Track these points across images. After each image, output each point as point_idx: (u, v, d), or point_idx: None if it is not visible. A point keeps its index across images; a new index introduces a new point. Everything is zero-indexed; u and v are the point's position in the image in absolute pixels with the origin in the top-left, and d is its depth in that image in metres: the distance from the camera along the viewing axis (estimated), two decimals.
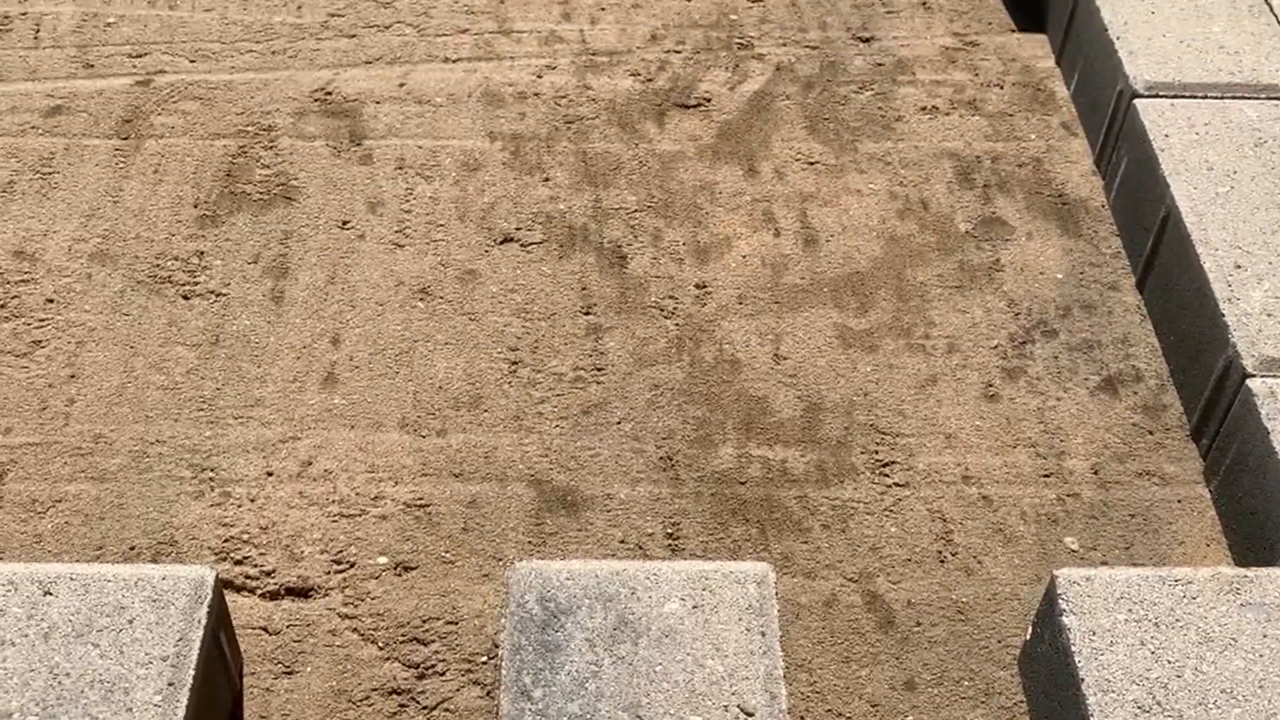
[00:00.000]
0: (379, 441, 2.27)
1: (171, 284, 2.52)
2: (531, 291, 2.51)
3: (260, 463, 2.24)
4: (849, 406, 2.33)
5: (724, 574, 1.86)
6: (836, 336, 2.44)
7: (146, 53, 2.99)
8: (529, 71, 2.97)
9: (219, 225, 2.62)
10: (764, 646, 1.78)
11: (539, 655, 1.76)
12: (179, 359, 2.39)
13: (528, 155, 2.77)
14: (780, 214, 2.66)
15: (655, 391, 2.35)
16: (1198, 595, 1.83)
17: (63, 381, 2.35)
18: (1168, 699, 1.72)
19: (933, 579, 2.10)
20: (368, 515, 2.17)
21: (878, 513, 2.18)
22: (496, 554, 2.12)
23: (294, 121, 2.84)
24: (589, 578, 1.85)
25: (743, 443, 2.27)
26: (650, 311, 2.48)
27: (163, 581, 1.82)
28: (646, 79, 2.95)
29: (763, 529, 2.16)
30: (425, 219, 2.64)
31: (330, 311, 2.47)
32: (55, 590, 1.80)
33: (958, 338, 2.44)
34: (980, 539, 2.15)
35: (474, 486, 2.21)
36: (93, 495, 2.19)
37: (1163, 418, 2.31)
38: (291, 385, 2.35)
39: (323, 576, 2.09)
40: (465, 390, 2.35)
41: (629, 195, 2.70)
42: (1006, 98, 2.92)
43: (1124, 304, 2.50)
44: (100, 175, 2.71)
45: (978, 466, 2.24)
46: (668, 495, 2.20)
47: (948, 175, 2.74)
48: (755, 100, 2.90)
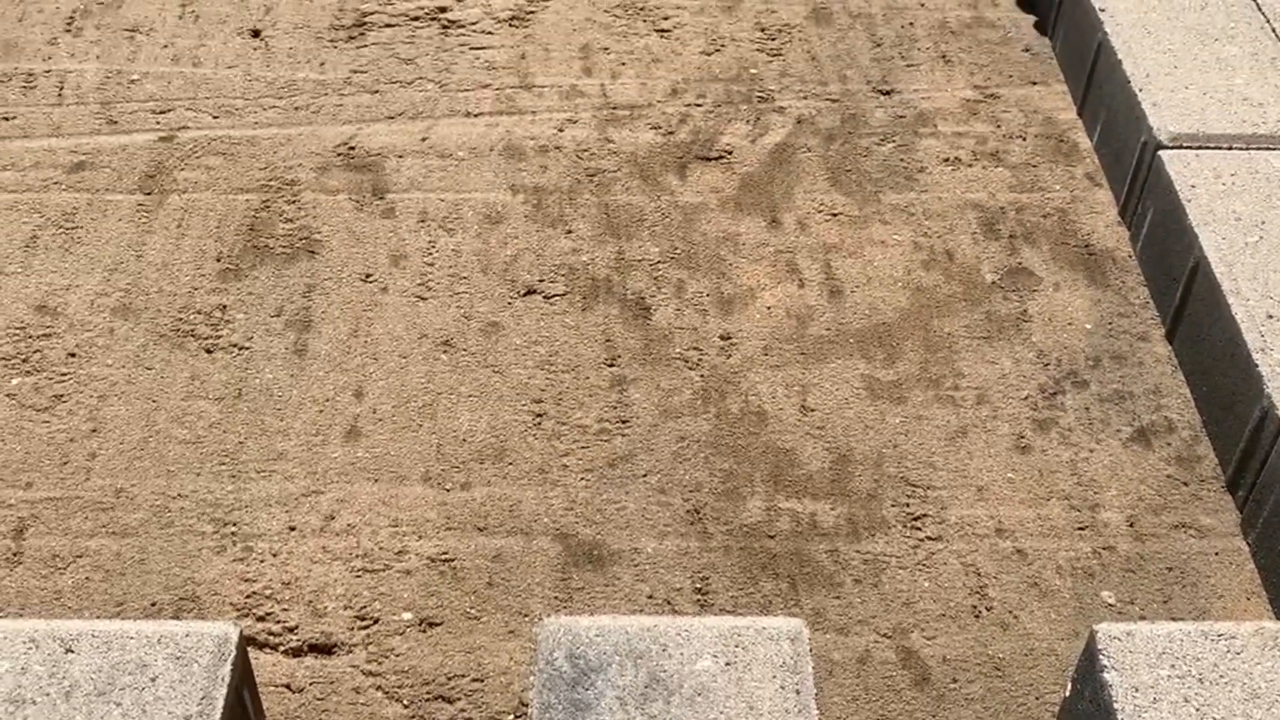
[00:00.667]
0: (402, 495, 2.24)
1: (194, 338, 2.50)
2: (555, 344, 2.49)
3: (283, 517, 2.21)
4: (878, 458, 2.30)
5: (757, 630, 1.82)
6: (864, 388, 2.41)
7: (170, 109, 3.00)
8: (550, 125, 2.97)
9: (242, 279, 2.62)
10: (799, 705, 1.74)
11: (569, 714, 1.72)
12: (201, 413, 2.37)
13: (550, 208, 2.77)
14: (804, 265, 2.65)
15: (681, 444, 2.32)
16: (1242, 650, 1.79)
17: (84, 436, 2.33)
18: None
19: (968, 634, 2.06)
20: (391, 570, 2.14)
21: (910, 566, 2.14)
22: (522, 609, 2.08)
23: (317, 176, 2.84)
24: (619, 634, 1.81)
25: (771, 495, 2.24)
26: (675, 363, 2.46)
27: (186, 638, 1.78)
28: (668, 132, 2.95)
29: (793, 583, 2.12)
30: (448, 271, 2.63)
31: (353, 364, 2.46)
32: (77, 648, 1.77)
33: (987, 389, 2.41)
34: (1015, 593, 2.11)
35: (499, 540, 2.18)
36: (114, 550, 2.16)
37: (1197, 469, 2.28)
38: (314, 438, 2.33)
39: (346, 633, 2.06)
40: (489, 443, 2.32)
41: (652, 247, 2.69)
42: (1029, 149, 2.91)
43: (1154, 354, 2.47)
44: (123, 230, 2.71)
45: (1011, 519, 2.21)
46: (696, 549, 2.17)
47: (972, 226, 2.73)
48: (777, 152, 2.90)
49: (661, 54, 3.16)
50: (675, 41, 3.20)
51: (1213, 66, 2.79)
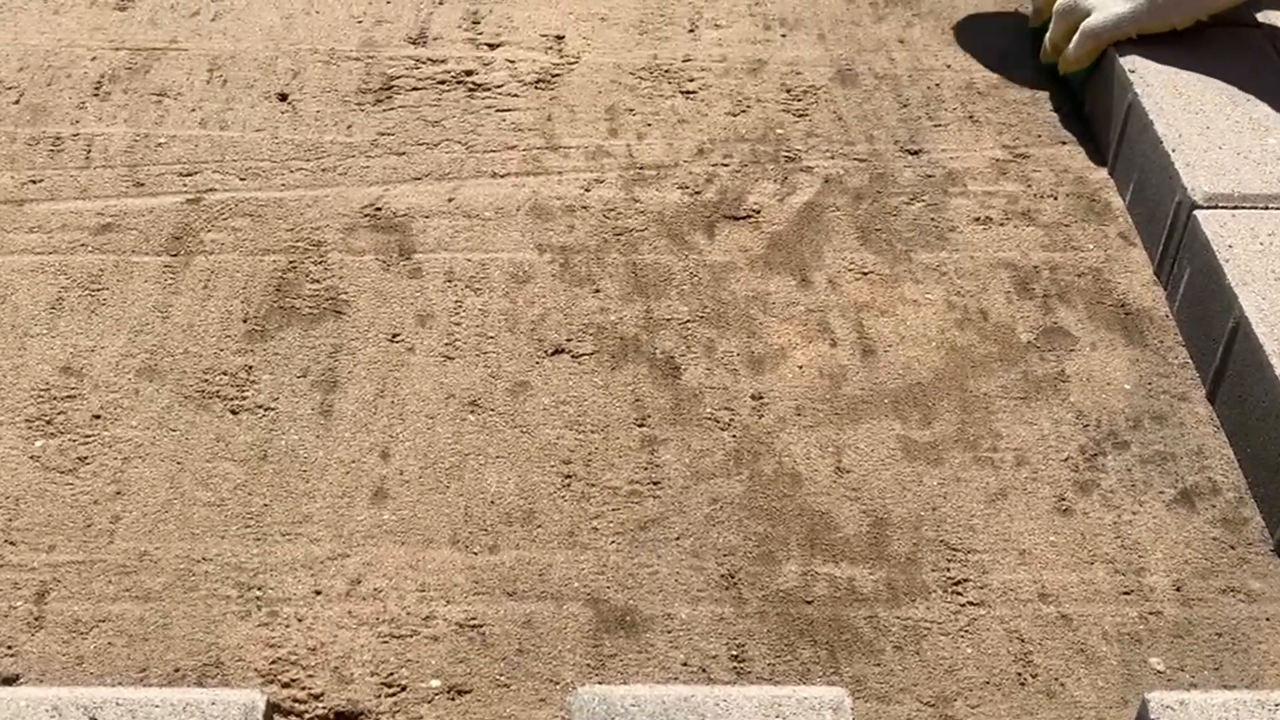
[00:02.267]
0: (430, 559, 2.20)
1: (219, 399, 2.48)
2: (584, 403, 2.46)
3: (309, 581, 2.17)
4: (916, 521, 2.25)
5: (798, 700, 1.76)
6: (900, 449, 2.37)
7: (197, 171, 3.00)
8: (577, 185, 2.96)
9: (268, 340, 2.59)
10: None
11: None
12: (226, 475, 2.34)
13: (577, 267, 2.75)
14: (836, 324, 2.61)
15: (714, 506, 2.28)
16: None
17: (108, 498, 2.30)
18: None
19: (1013, 702, 1.99)
20: (419, 635, 2.09)
21: (952, 633, 2.08)
22: (553, 677, 2.03)
23: (343, 237, 2.83)
24: (656, 704, 1.76)
25: (807, 560, 2.19)
26: (706, 423, 2.42)
27: (212, 707, 1.74)
28: (695, 192, 2.94)
29: (832, 650, 2.06)
30: (475, 331, 2.61)
31: (379, 425, 2.42)
32: (101, 716, 1.72)
33: (1026, 450, 2.36)
34: (1061, 660, 2.05)
35: (529, 606, 2.13)
36: (137, 615, 2.12)
37: (1244, 532, 2.22)
38: (340, 501, 2.29)
39: (373, 700, 2.00)
40: (518, 505, 2.28)
41: (680, 306, 2.66)
42: (1061, 208, 2.88)
43: (1195, 415, 2.42)
44: (149, 291, 2.70)
45: (1054, 584, 2.15)
46: (731, 615, 2.11)
47: (1006, 285, 2.69)
48: (805, 211, 2.88)
49: (687, 115, 3.15)
50: (701, 103, 3.19)
51: (1246, 127, 2.77)
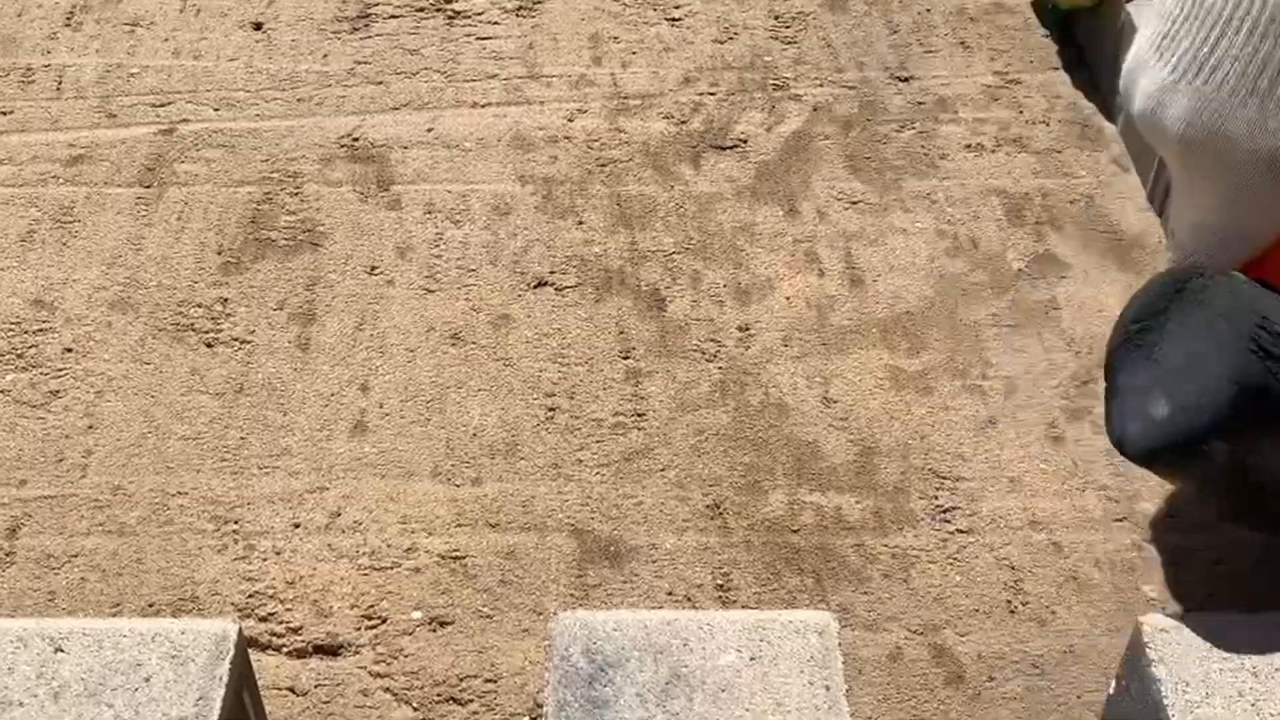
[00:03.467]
0: (411, 491, 2.16)
1: (194, 332, 2.42)
2: (567, 336, 2.41)
3: (286, 514, 2.13)
4: (905, 450, 2.20)
5: (783, 624, 1.72)
6: (888, 378, 2.32)
7: (170, 102, 2.93)
8: (560, 115, 2.89)
9: (243, 272, 2.54)
10: (829, 701, 1.64)
11: (586, 712, 1.63)
12: (202, 408, 2.29)
13: (560, 199, 2.69)
14: (824, 254, 2.56)
15: (700, 437, 2.23)
16: None
17: (80, 432, 2.25)
18: None
19: (1003, 630, 1.96)
20: (400, 568, 2.05)
21: (941, 561, 2.05)
22: (536, 608, 1.99)
23: (320, 168, 2.76)
24: (638, 628, 1.72)
25: (794, 489, 2.15)
26: (692, 355, 2.37)
27: (182, 636, 1.69)
28: (680, 121, 2.87)
29: (819, 579, 2.03)
30: (456, 264, 2.55)
31: (359, 358, 2.37)
32: (67, 647, 1.68)
33: (1017, 378, 2.32)
34: (1052, 587, 2.01)
35: (512, 537, 2.09)
36: (110, 550, 2.08)
37: None
38: (319, 434, 2.25)
39: (353, 633, 1.97)
40: (501, 438, 2.24)
41: (666, 237, 2.60)
42: (1053, 134, 2.82)
43: None
44: (121, 223, 2.64)
45: (1045, 511, 2.11)
46: (716, 544, 2.07)
47: (997, 213, 2.64)
48: (793, 140, 2.81)
49: (673, 42, 3.08)
50: (686, 30, 3.12)
51: None
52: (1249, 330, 1.66)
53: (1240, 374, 1.64)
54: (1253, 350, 1.65)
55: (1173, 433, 1.67)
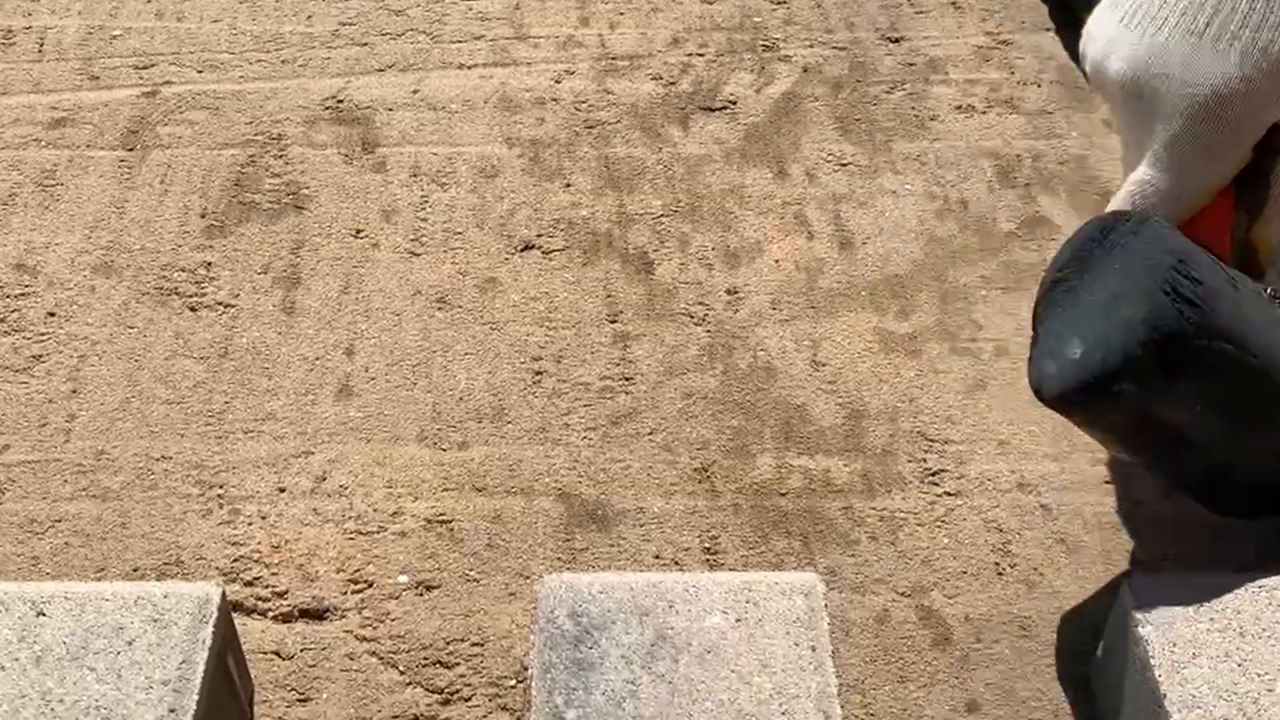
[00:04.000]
0: (397, 455, 2.14)
1: (178, 295, 2.40)
2: (554, 300, 2.39)
3: (272, 478, 2.11)
4: (893, 413, 2.19)
5: (769, 585, 1.72)
6: (878, 341, 2.31)
7: (153, 64, 2.89)
8: (547, 77, 2.86)
9: (227, 235, 2.51)
10: (815, 662, 1.64)
11: (572, 674, 1.62)
12: (186, 372, 2.27)
13: (547, 161, 2.66)
14: (813, 217, 2.54)
15: (688, 400, 2.22)
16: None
17: (64, 397, 2.23)
18: (1259, 715, 1.58)
19: (991, 592, 1.96)
20: (386, 532, 2.03)
21: (929, 523, 2.04)
22: (523, 571, 1.98)
23: (304, 130, 2.73)
24: (624, 590, 1.71)
25: (782, 452, 2.14)
26: (680, 318, 2.35)
27: (164, 600, 1.68)
28: (669, 82, 2.84)
29: (806, 542, 2.02)
30: (442, 227, 2.53)
31: (344, 322, 2.35)
32: (49, 611, 1.67)
33: (1006, 340, 2.31)
34: (1040, 549, 2.01)
35: (498, 501, 2.07)
36: (94, 514, 2.06)
37: None
38: (304, 398, 2.23)
39: (339, 597, 1.96)
40: (487, 401, 2.22)
41: (654, 200, 2.58)
42: (1044, 95, 2.80)
43: None
44: (104, 187, 2.61)
45: (1034, 473, 2.10)
46: (704, 508, 2.06)
47: (987, 174, 2.62)
48: (783, 102, 2.79)
49: (661, 3, 3.04)
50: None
51: None
52: (1165, 274, 1.65)
53: (1153, 316, 1.64)
54: (1165, 292, 1.64)
55: (1084, 373, 1.67)
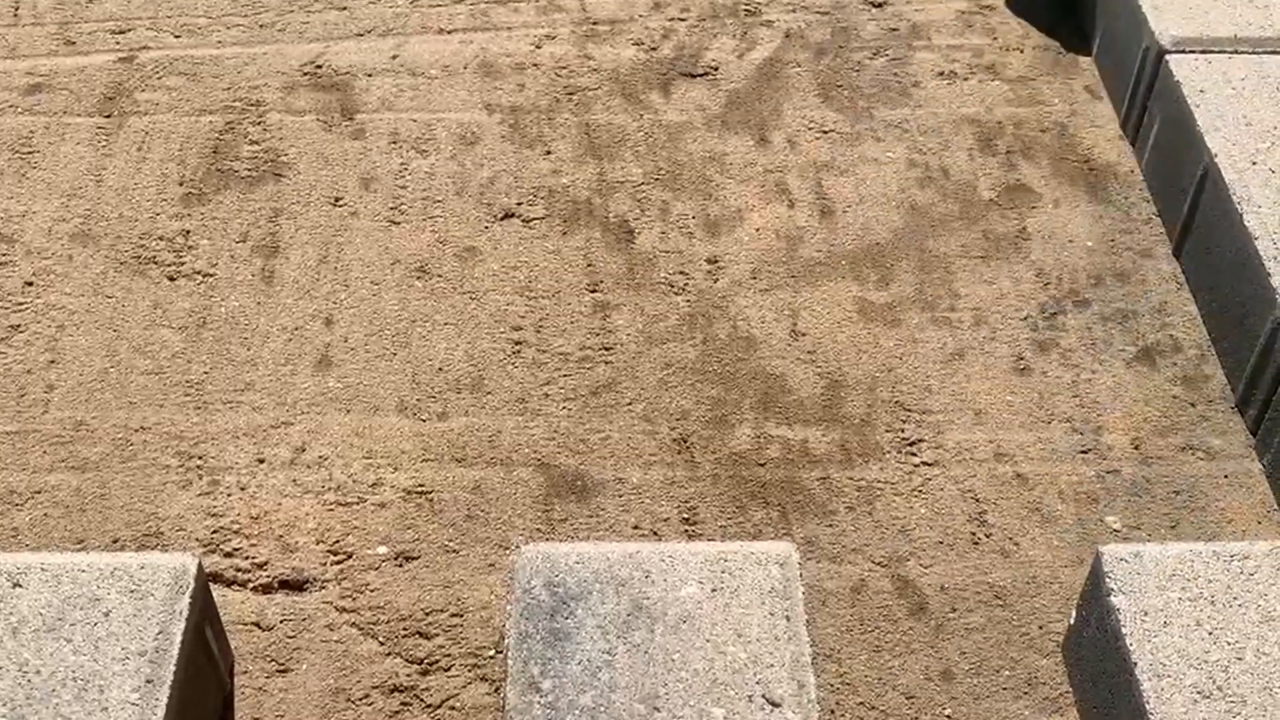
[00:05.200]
0: (376, 426, 2.14)
1: (156, 264, 2.39)
2: (535, 269, 2.39)
3: (251, 449, 2.11)
4: (872, 383, 2.20)
5: (744, 555, 1.73)
6: (857, 311, 2.31)
7: (130, 29, 2.87)
8: (527, 42, 2.84)
9: (205, 203, 2.50)
10: (789, 631, 1.65)
11: (548, 644, 1.63)
12: (164, 342, 2.27)
13: (527, 128, 2.65)
14: (794, 185, 2.53)
15: (667, 371, 2.22)
16: (1255, 571, 1.71)
17: (42, 367, 2.23)
18: (1229, 683, 1.59)
19: (966, 562, 1.97)
20: (365, 503, 2.04)
21: (906, 493, 2.05)
22: (502, 542, 1.99)
23: (283, 96, 2.71)
24: (600, 561, 1.72)
25: (761, 422, 2.14)
26: (660, 288, 2.35)
27: (141, 571, 1.69)
28: (650, 48, 2.82)
29: (784, 512, 2.03)
30: (421, 195, 2.52)
31: (323, 291, 2.35)
32: (25, 581, 1.67)
33: (985, 310, 2.31)
34: (1016, 519, 2.02)
35: (477, 472, 2.08)
36: (73, 486, 2.06)
37: (1205, 389, 2.19)
38: (283, 368, 2.23)
39: (318, 568, 1.96)
40: (467, 372, 2.22)
41: (635, 168, 2.57)
42: (1027, 61, 2.79)
43: (1159, 271, 2.37)
44: (81, 154, 2.59)
45: (1011, 443, 2.11)
46: (683, 478, 2.07)
47: (968, 142, 2.61)
48: (765, 68, 2.77)
49: None
50: None
51: None
52: None
53: None
54: None
55: None
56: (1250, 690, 1.59)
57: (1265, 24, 2.53)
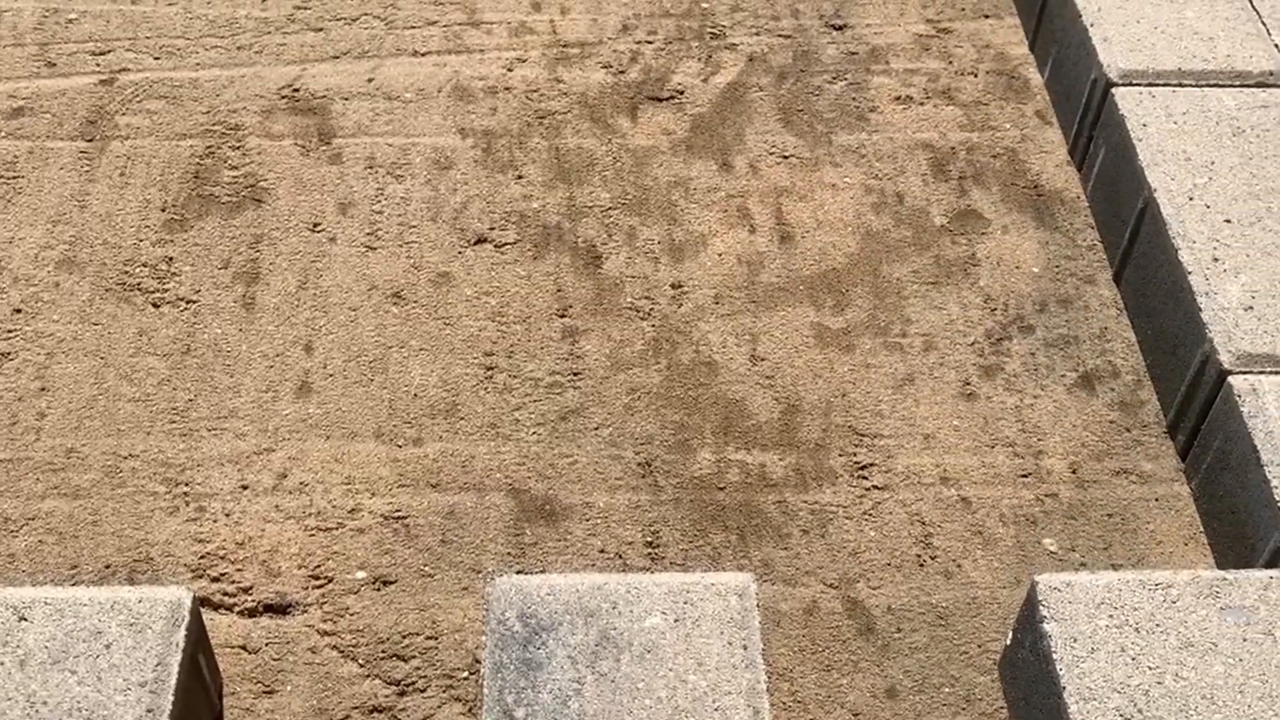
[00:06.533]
0: (354, 452, 2.25)
1: (140, 291, 2.48)
2: (506, 294, 2.49)
3: (235, 476, 2.22)
4: (827, 408, 2.32)
5: (705, 586, 1.85)
6: (813, 336, 2.43)
7: (110, 49, 2.94)
8: (499, 65, 2.93)
9: (187, 229, 2.59)
10: (746, 660, 1.78)
11: (520, 674, 1.75)
12: (150, 370, 2.36)
13: (499, 152, 2.74)
14: (755, 210, 2.64)
15: (633, 396, 2.33)
16: (1178, 599, 1.84)
17: (33, 395, 2.32)
18: (1149, 706, 1.73)
19: (912, 583, 2.10)
20: (345, 528, 2.15)
21: (857, 517, 2.17)
22: (475, 566, 2.11)
23: (261, 120, 2.79)
24: (570, 593, 1.84)
25: (721, 447, 2.26)
26: (626, 313, 2.46)
27: (139, 604, 1.80)
28: (619, 71, 2.92)
29: (742, 535, 2.15)
30: (397, 220, 2.61)
31: (302, 318, 2.45)
32: (31, 615, 1.78)
33: (934, 335, 2.43)
34: (959, 542, 2.15)
35: (451, 497, 2.19)
36: (66, 512, 2.17)
37: (1140, 414, 2.32)
38: (265, 395, 2.33)
39: (301, 592, 2.07)
40: (441, 398, 2.33)
41: (603, 193, 2.67)
42: (980, 86, 2.90)
43: (1100, 298, 2.49)
44: (65, 179, 2.67)
45: (956, 468, 2.24)
46: (647, 503, 2.19)
47: (922, 167, 2.72)
48: (728, 92, 2.87)
49: None
50: None
51: (1163, 0, 2.78)
52: None
53: None
54: None
55: None
56: (1168, 713, 1.72)
57: (1209, 56, 2.64)
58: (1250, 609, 1.82)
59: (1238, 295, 2.21)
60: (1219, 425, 2.12)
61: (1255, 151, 2.46)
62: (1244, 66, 2.62)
